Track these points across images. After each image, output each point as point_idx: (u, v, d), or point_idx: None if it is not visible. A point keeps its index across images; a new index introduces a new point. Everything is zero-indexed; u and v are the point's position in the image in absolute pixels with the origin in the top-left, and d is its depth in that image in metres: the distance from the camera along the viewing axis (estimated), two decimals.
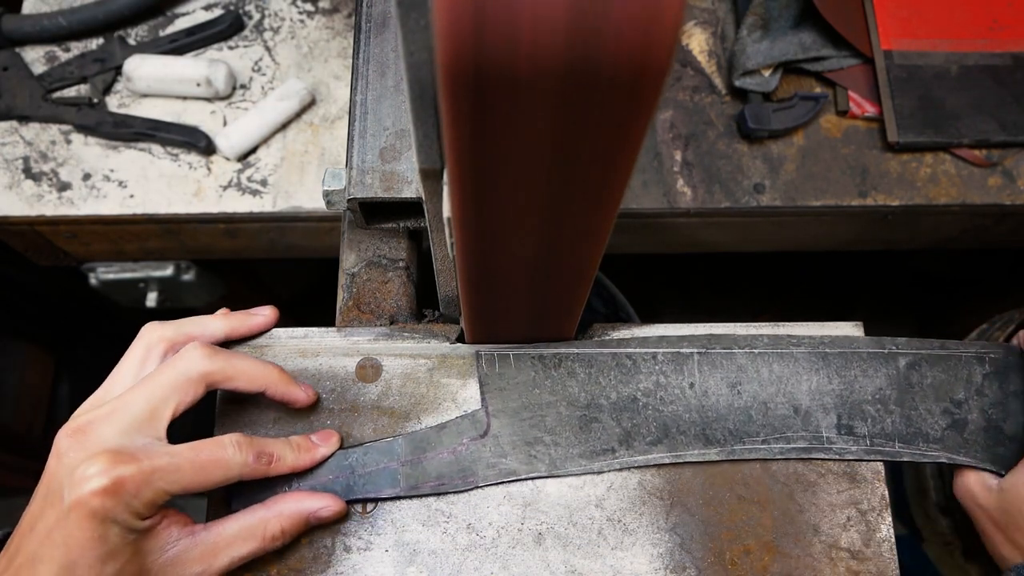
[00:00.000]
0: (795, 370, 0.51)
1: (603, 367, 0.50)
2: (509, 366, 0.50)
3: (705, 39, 0.84)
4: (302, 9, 0.87)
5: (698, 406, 0.50)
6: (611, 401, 0.50)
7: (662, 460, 0.49)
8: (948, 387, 0.51)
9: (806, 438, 0.50)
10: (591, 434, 0.49)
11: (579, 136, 0.27)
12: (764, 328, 0.53)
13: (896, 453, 0.50)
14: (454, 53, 0.23)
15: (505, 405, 0.49)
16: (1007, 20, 0.82)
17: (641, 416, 0.50)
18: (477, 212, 0.33)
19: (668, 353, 0.51)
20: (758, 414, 0.50)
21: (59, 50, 0.85)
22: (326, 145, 0.82)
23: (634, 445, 0.49)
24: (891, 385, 0.51)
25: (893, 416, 0.51)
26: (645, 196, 0.78)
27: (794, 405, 0.51)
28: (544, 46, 0.23)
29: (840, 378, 0.51)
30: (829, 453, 0.50)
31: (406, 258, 0.57)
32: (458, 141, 0.28)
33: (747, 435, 0.50)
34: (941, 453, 0.50)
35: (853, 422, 0.50)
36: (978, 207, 0.80)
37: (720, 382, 0.51)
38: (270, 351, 0.51)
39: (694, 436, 0.50)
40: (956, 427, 0.51)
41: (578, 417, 0.50)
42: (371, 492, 0.48)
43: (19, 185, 0.80)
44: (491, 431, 0.49)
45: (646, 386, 0.50)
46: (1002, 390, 0.52)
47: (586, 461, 0.49)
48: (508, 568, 0.48)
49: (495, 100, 0.25)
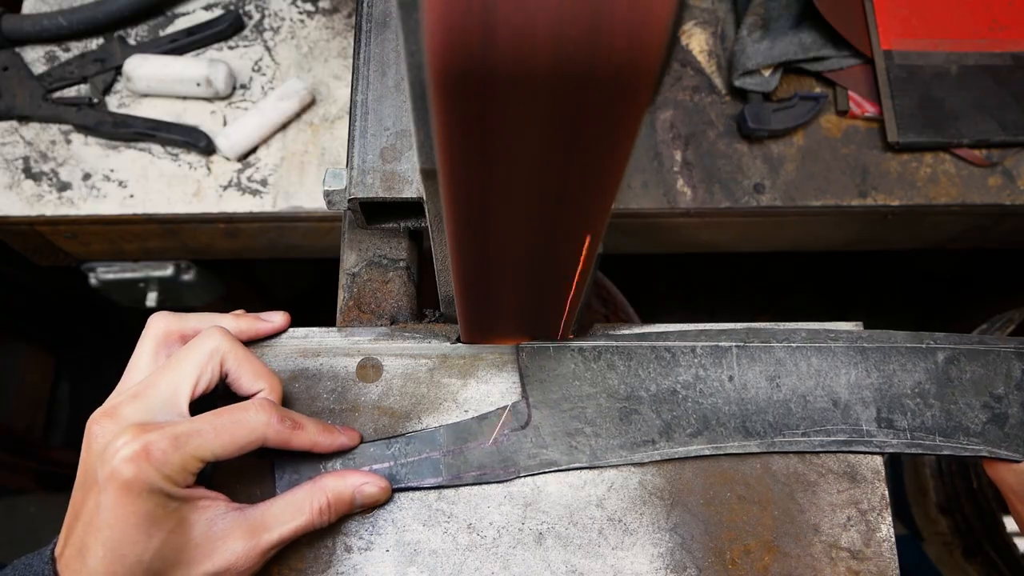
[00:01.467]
0: (833, 364, 0.51)
1: (642, 360, 0.51)
2: (549, 358, 0.50)
3: (705, 39, 0.84)
4: (302, 9, 0.87)
5: (737, 399, 0.50)
6: (651, 393, 0.50)
7: (703, 452, 0.49)
8: (987, 382, 0.52)
9: (846, 431, 0.50)
10: (631, 426, 0.50)
11: (570, 136, 0.27)
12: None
13: (936, 447, 0.50)
14: (443, 54, 0.23)
15: (546, 397, 0.50)
16: (1007, 20, 0.82)
17: (681, 408, 0.50)
18: (468, 212, 0.33)
19: (707, 346, 0.51)
20: (797, 407, 0.50)
21: (59, 50, 0.85)
22: (326, 145, 0.82)
23: (674, 437, 0.50)
24: (930, 379, 0.51)
25: (933, 410, 0.51)
26: (645, 196, 0.78)
27: (833, 398, 0.51)
28: (532, 47, 0.23)
29: (879, 372, 0.51)
30: (870, 446, 0.50)
31: (407, 258, 0.57)
32: (447, 141, 0.28)
33: (787, 428, 0.50)
34: (983, 447, 0.50)
35: (893, 415, 0.51)
36: (978, 207, 0.80)
37: (759, 375, 0.51)
38: (271, 351, 0.51)
39: (734, 428, 0.50)
40: (996, 421, 0.51)
41: (618, 409, 0.50)
42: (414, 481, 0.48)
43: (19, 185, 0.80)
44: (532, 422, 0.49)
45: (685, 379, 0.51)
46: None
47: (627, 452, 0.49)
48: (509, 568, 0.48)
49: (485, 100, 0.25)
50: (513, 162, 0.29)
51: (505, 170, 0.29)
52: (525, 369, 0.50)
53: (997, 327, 0.90)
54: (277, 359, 0.51)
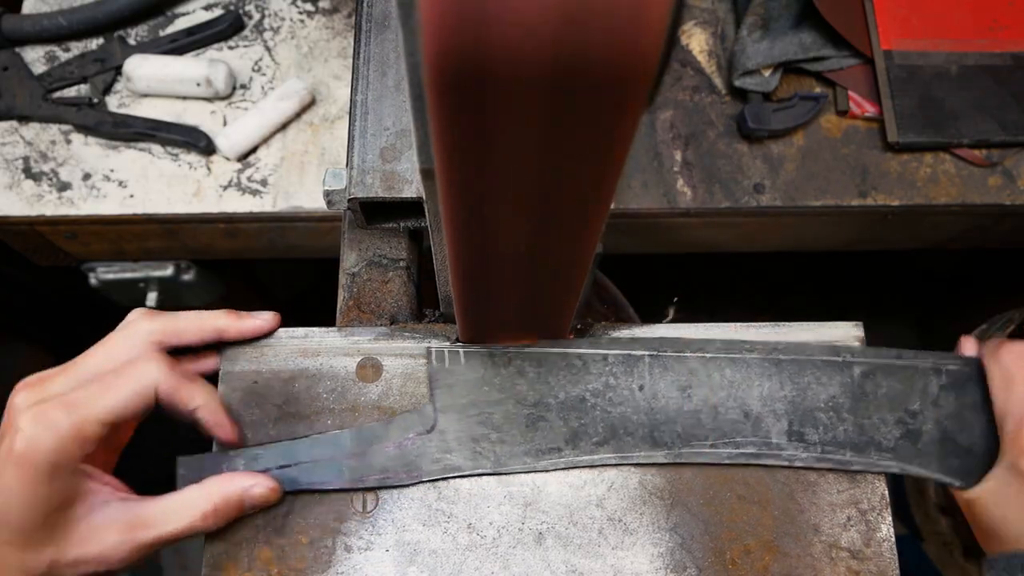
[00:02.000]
0: (747, 375, 0.51)
1: (553, 367, 0.50)
2: (459, 363, 0.50)
3: (705, 39, 0.84)
4: (302, 9, 0.87)
5: (647, 408, 0.50)
6: (559, 400, 0.50)
7: (607, 461, 0.49)
8: (903, 397, 0.51)
9: (755, 443, 0.50)
10: (538, 432, 0.49)
11: (566, 135, 0.27)
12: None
13: (847, 462, 0.50)
14: (439, 53, 0.23)
15: (453, 401, 0.49)
16: (1007, 20, 0.82)
17: (589, 416, 0.50)
18: (466, 212, 0.33)
19: (619, 355, 0.50)
20: (707, 418, 0.50)
21: (59, 50, 0.85)
22: (326, 145, 0.82)
23: (580, 445, 0.49)
24: (845, 393, 0.51)
25: (846, 424, 0.50)
26: (645, 196, 0.78)
27: (745, 410, 0.50)
28: (528, 46, 0.23)
29: (793, 384, 0.51)
30: (778, 459, 0.50)
31: (407, 258, 0.57)
32: (444, 141, 0.28)
33: (695, 439, 0.50)
34: (893, 463, 0.50)
35: (804, 429, 0.50)
36: (978, 207, 0.80)
37: (670, 385, 0.50)
38: (270, 350, 0.51)
39: (641, 438, 0.49)
40: (910, 437, 0.51)
41: (525, 415, 0.49)
42: (316, 483, 0.48)
43: (19, 185, 0.80)
44: (438, 426, 0.49)
45: (595, 387, 0.50)
46: (958, 401, 0.51)
47: (531, 459, 0.49)
48: (509, 568, 0.48)
49: (481, 100, 0.25)
50: (510, 161, 0.29)
51: (502, 169, 0.29)
52: (434, 373, 0.50)
53: (997, 327, 0.90)
54: (277, 359, 0.51)
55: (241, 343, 0.51)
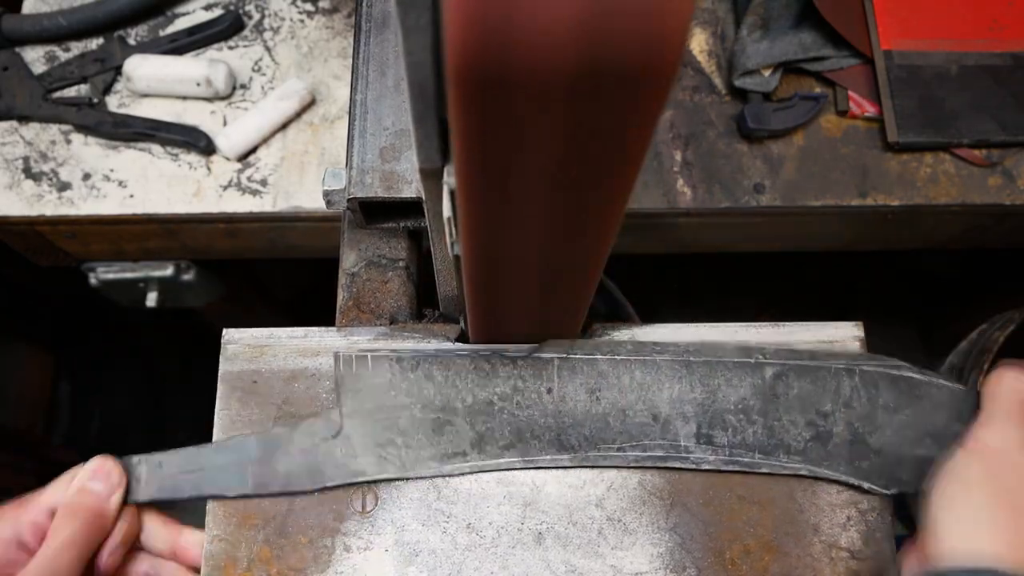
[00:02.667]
0: (657, 378, 0.50)
1: (461, 370, 0.50)
2: (366, 367, 0.49)
3: (705, 39, 0.84)
4: (302, 9, 0.87)
5: (555, 411, 0.49)
6: (466, 404, 0.49)
7: (513, 465, 0.49)
8: (815, 398, 0.50)
9: (663, 446, 0.49)
10: (444, 437, 0.49)
11: (588, 134, 0.27)
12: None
13: (755, 464, 0.49)
14: (464, 52, 0.23)
15: (360, 406, 0.49)
16: (1007, 20, 0.82)
17: (496, 420, 0.49)
18: (485, 212, 0.33)
19: (527, 358, 0.50)
20: (616, 421, 0.50)
21: (59, 50, 0.85)
22: (326, 145, 0.82)
23: (486, 449, 0.49)
24: (755, 395, 0.50)
25: (755, 427, 0.50)
26: (645, 196, 0.78)
27: (653, 413, 0.50)
28: (552, 46, 0.23)
29: (703, 387, 0.50)
30: (686, 463, 0.49)
31: (406, 258, 0.57)
32: (466, 141, 0.28)
33: (603, 442, 0.49)
34: (802, 465, 0.50)
35: (713, 431, 0.50)
36: (978, 207, 0.80)
37: (579, 388, 0.50)
38: (270, 351, 0.51)
39: (548, 441, 0.49)
40: (820, 439, 0.50)
41: (432, 420, 0.49)
42: (219, 490, 0.48)
43: (19, 185, 0.80)
44: (344, 431, 0.49)
45: (503, 390, 0.50)
46: (871, 402, 0.51)
47: (436, 464, 0.49)
48: (508, 568, 0.48)
49: (505, 100, 0.25)
50: (531, 161, 0.29)
51: (523, 169, 0.29)
52: (341, 378, 0.49)
53: (997, 327, 0.90)
54: (277, 359, 0.51)
55: (241, 343, 0.51)
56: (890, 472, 0.50)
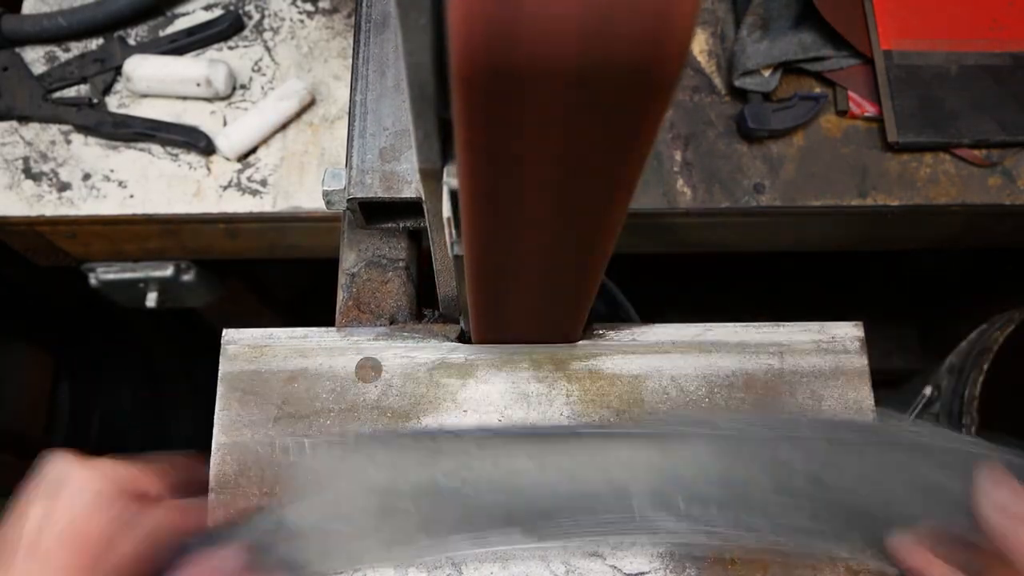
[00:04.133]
0: (609, 445, 0.47)
1: (404, 449, 0.47)
2: (305, 454, 0.47)
3: (705, 39, 0.84)
4: (302, 9, 0.87)
5: (503, 486, 0.47)
6: (411, 486, 0.46)
7: (462, 548, 0.46)
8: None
9: (616, 515, 0.46)
10: (389, 523, 0.46)
11: (590, 133, 0.27)
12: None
13: (716, 532, 0.45)
14: (467, 53, 0.23)
15: (302, 496, 0.46)
16: (1007, 20, 0.82)
17: (442, 500, 0.46)
18: (486, 212, 0.33)
19: (473, 433, 0.48)
20: (567, 490, 0.46)
21: (59, 50, 0.85)
22: (326, 145, 0.82)
23: (434, 532, 0.46)
24: (712, 457, 0.47)
25: (715, 487, 0.46)
26: (645, 196, 0.78)
27: (607, 480, 0.47)
28: (556, 45, 0.23)
29: (660, 452, 0.47)
30: (639, 532, 0.46)
31: (406, 258, 0.57)
32: (469, 141, 0.28)
33: (554, 514, 0.46)
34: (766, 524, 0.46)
35: (670, 498, 0.46)
36: (978, 207, 0.80)
37: (528, 460, 0.47)
38: (270, 351, 0.51)
39: (498, 519, 0.46)
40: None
41: (376, 506, 0.46)
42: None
43: (19, 185, 0.80)
44: (286, 524, 0.46)
45: (449, 467, 0.47)
46: (835, 453, 0.46)
47: (383, 552, 0.46)
48: (508, 568, 0.48)
49: (509, 100, 0.25)
50: (534, 159, 0.29)
51: (526, 168, 0.29)
52: (282, 469, 0.48)
53: (997, 327, 0.90)
54: (277, 359, 0.51)
55: (241, 343, 0.51)
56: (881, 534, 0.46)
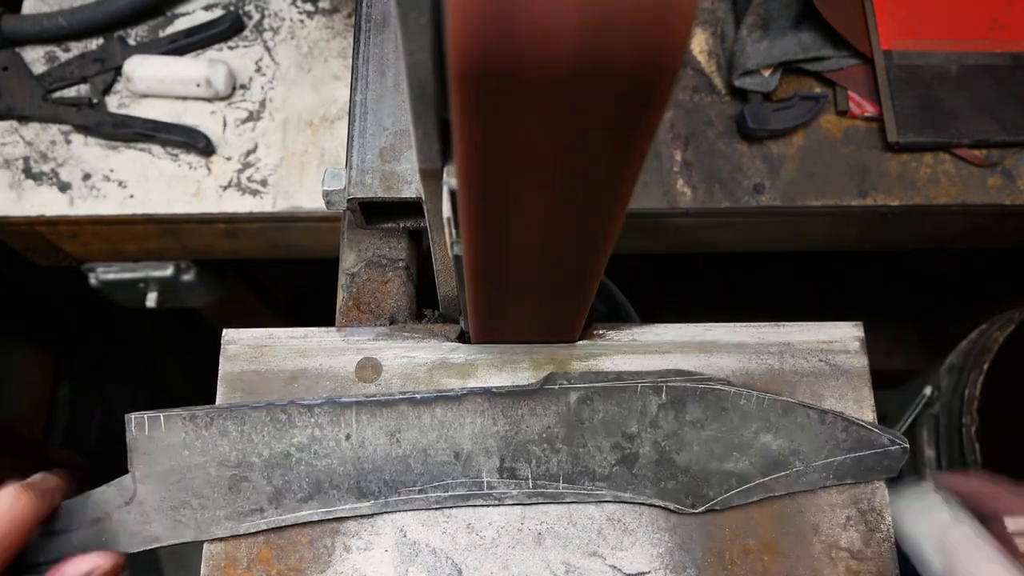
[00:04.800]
0: (459, 414, 0.49)
1: (256, 423, 0.48)
2: (159, 428, 0.48)
3: (705, 39, 0.84)
4: (302, 9, 0.87)
5: (354, 458, 0.48)
6: (263, 458, 0.48)
7: (311, 518, 0.47)
8: (621, 420, 0.49)
9: (465, 484, 0.48)
10: (240, 495, 0.47)
11: (589, 133, 0.27)
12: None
13: (560, 495, 0.48)
14: (466, 53, 0.23)
15: (152, 469, 0.48)
16: (1007, 20, 0.82)
17: (293, 472, 0.48)
18: (485, 212, 0.33)
19: (325, 405, 0.49)
20: (417, 462, 0.48)
21: (59, 50, 0.85)
22: (326, 145, 0.82)
23: (284, 503, 0.48)
24: (560, 423, 0.49)
25: (560, 455, 0.48)
26: (645, 196, 0.78)
27: (455, 451, 0.48)
28: (554, 45, 0.23)
29: (506, 418, 0.49)
30: (488, 499, 0.48)
31: (406, 258, 0.57)
32: (468, 141, 0.28)
33: (403, 485, 0.48)
34: (606, 491, 0.48)
35: (517, 464, 0.48)
36: (978, 207, 0.80)
37: (379, 431, 0.48)
38: (270, 351, 0.51)
39: (347, 490, 0.48)
40: (625, 462, 0.49)
41: (228, 477, 0.48)
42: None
43: (19, 185, 0.80)
44: (137, 497, 0.47)
45: (300, 440, 0.48)
46: (677, 420, 0.49)
47: (233, 523, 0.47)
48: (508, 568, 0.48)
49: (508, 100, 0.25)
50: (534, 159, 0.29)
51: (525, 167, 0.29)
52: (133, 441, 0.48)
53: (997, 327, 0.90)
54: (276, 359, 0.51)
55: (241, 343, 0.51)
56: (696, 490, 0.49)
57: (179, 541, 0.47)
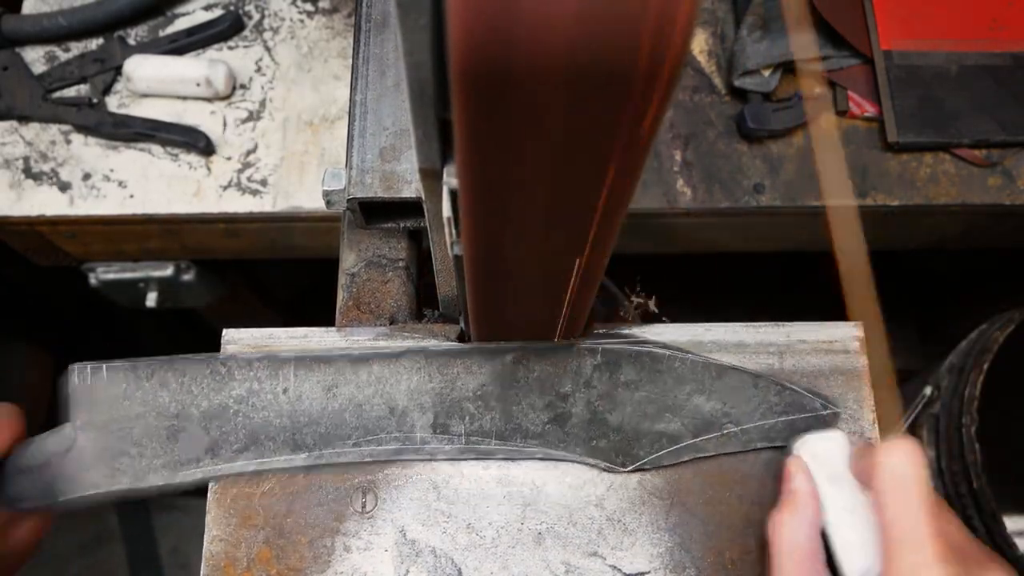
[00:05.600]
0: (395, 370, 0.50)
1: (196, 375, 0.49)
2: (101, 379, 0.49)
3: (705, 39, 0.84)
4: (302, 9, 0.87)
5: (290, 411, 0.49)
6: (201, 410, 0.49)
7: (246, 468, 0.48)
8: (555, 380, 0.50)
9: (399, 439, 0.49)
10: (178, 444, 0.48)
11: (590, 132, 0.27)
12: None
13: (491, 451, 0.49)
14: (467, 52, 0.23)
15: (93, 419, 0.48)
16: (1007, 20, 0.82)
17: (231, 424, 0.49)
18: (485, 212, 0.33)
19: (264, 359, 0.50)
20: (352, 416, 0.49)
21: (59, 50, 0.85)
22: (326, 145, 0.82)
23: (220, 454, 0.48)
24: (495, 381, 0.50)
25: (493, 413, 0.49)
26: (645, 196, 0.79)
27: (391, 406, 0.49)
28: (555, 45, 0.23)
29: (442, 376, 0.50)
30: (420, 454, 0.49)
31: (406, 258, 0.57)
32: (468, 140, 0.28)
33: (338, 439, 0.49)
34: (538, 449, 0.49)
35: (450, 421, 0.49)
36: (978, 207, 0.80)
37: (315, 386, 0.49)
38: (270, 351, 0.51)
39: (282, 442, 0.49)
40: (558, 421, 0.49)
41: (166, 427, 0.48)
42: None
43: (19, 185, 0.80)
44: (77, 445, 0.48)
45: (239, 393, 0.49)
46: (612, 381, 0.50)
47: (169, 472, 0.48)
48: (508, 568, 0.48)
49: (509, 99, 0.25)
50: (535, 158, 0.29)
51: (526, 167, 0.29)
52: (73, 391, 0.49)
53: (997, 327, 0.90)
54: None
55: (241, 343, 0.51)
56: (627, 449, 0.50)
57: (116, 488, 0.48)
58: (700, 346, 0.52)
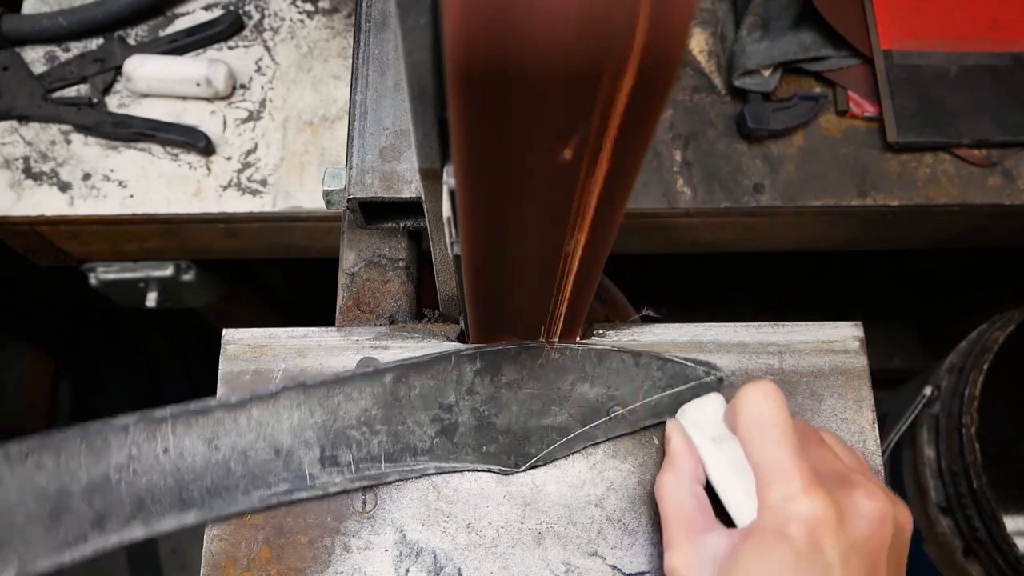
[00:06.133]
0: (275, 411, 0.49)
1: (72, 452, 0.48)
2: None
3: (705, 39, 0.84)
4: (302, 9, 0.87)
5: (173, 470, 0.48)
6: (82, 485, 0.47)
7: (135, 538, 0.47)
8: (437, 393, 0.49)
9: (288, 479, 0.48)
10: (61, 525, 0.47)
11: (588, 132, 0.27)
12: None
13: (383, 475, 0.48)
14: (463, 52, 0.23)
15: None
16: (1007, 20, 0.82)
17: (114, 494, 0.47)
18: (485, 211, 0.33)
19: (140, 423, 0.48)
20: (237, 465, 0.48)
21: (59, 50, 0.85)
22: (326, 145, 0.82)
23: (107, 526, 0.47)
24: (377, 404, 0.49)
25: (380, 436, 0.49)
26: (645, 196, 0.79)
27: (276, 447, 0.48)
28: (551, 45, 0.23)
29: (323, 408, 0.49)
30: (312, 490, 0.48)
31: (406, 258, 0.57)
32: (466, 140, 0.28)
33: (225, 489, 0.48)
34: (430, 464, 0.49)
35: (337, 452, 0.48)
36: (978, 207, 0.80)
37: (196, 440, 0.48)
38: (270, 351, 0.51)
39: (169, 503, 0.47)
40: (446, 433, 0.49)
41: (48, 511, 0.47)
42: None
43: (19, 185, 0.80)
44: None
45: (118, 461, 0.48)
46: (494, 384, 0.50)
47: (56, 554, 0.47)
48: (508, 567, 0.48)
49: (505, 99, 0.25)
50: (531, 159, 0.29)
51: (523, 167, 0.29)
52: None
53: (997, 327, 0.90)
54: (276, 358, 0.51)
55: (241, 343, 0.51)
56: (518, 449, 0.49)
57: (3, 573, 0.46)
58: (700, 346, 0.52)
